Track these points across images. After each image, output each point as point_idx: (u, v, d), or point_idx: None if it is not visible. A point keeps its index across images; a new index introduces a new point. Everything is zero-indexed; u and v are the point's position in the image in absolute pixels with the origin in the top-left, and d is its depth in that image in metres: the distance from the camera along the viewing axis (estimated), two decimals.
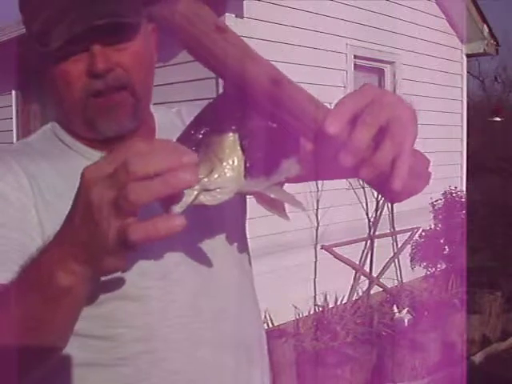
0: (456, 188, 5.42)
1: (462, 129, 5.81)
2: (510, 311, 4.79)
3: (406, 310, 4.22)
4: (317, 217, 4.09)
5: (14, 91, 5.67)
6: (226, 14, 3.51)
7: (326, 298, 4.20)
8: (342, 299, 4.34)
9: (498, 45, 5.86)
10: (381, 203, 4.39)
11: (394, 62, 4.92)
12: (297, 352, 3.67)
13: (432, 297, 4.65)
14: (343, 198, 4.20)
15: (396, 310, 4.27)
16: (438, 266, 5.26)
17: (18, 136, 5.64)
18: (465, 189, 5.69)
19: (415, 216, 4.81)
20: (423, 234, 5.20)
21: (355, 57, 4.55)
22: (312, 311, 4.15)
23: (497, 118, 12.41)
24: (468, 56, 5.88)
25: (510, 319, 4.71)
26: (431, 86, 5.22)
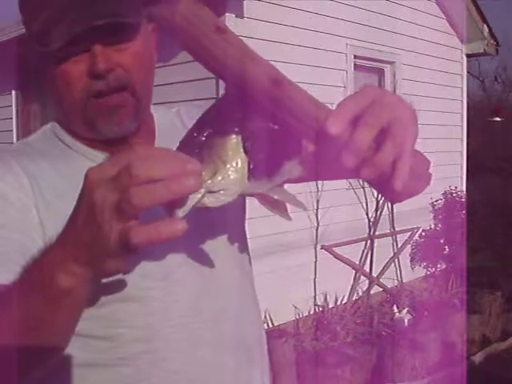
0: (456, 188, 5.42)
1: (461, 129, 5.81)
2: (510, 311, 4.79)
3: (405, 310, 4.22)
4: (317, 217, 4.09)
5: (13, 91, 5.67)
6: (226, 14, 3.51)
7: (326, 298, 4.20)
8: (342, 299, 4.34)
9: (497, 45, 5.86)
10: (381, 203, 4.39)
11: (394, 62, 4.92)
12: (297, 352, 3.67)
13: (432, 297, 4.65)
14: (343, 197, 4.20)
15: (396, 309, 4.27)
16: (438, 266, 5.26)
17: (17, 136, 5.64)
18: (465, 189, 5.69)
19: (415, 216, 4.81)
20: (423, 234, 5.20)
21: (355, 57, 4.55)
22: (312, 311, 4.15)
23: (497, 118, 12.41)
24: (468, 56, 5.88)
25: (510, 319, 4.71)
26: (431, 86, 5.22)
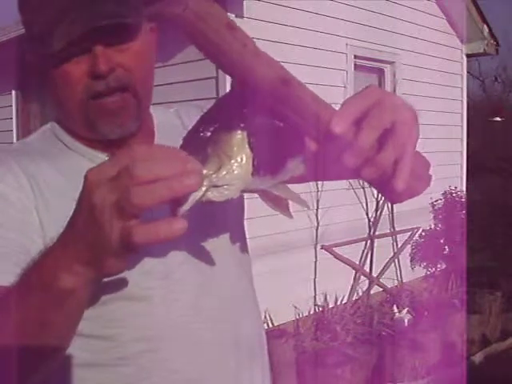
0: (456, 188, 5.41)
1: (462, 129, 5.81)
2: (510, 311, 4.79)
3: (405, 310, 4.21)
4: (317, 217, 4.09)
5: (13, 91, 5.66)
6: (226, 13, 3.51)
7: (326, 298, 4.20)
8: (342, 299, 4.34)
9: (498, 45, 5.86)
10: (381, 203, 4.39)
11: (393, 62, 4.92)
12: (297, 352, 3.67)
13: (432, 297, 4.65)
14: (343, 197, 4.20)
15: (396, 310, 4.26)
16: (438, 266, 5.26)
17: (17, 136, 5.64)
18: (465, 189, 5.69)
19: (415, 216, 4.81)
20: (423, 234, 5.19)
21: (355, 57, 4.55)
22: (312, 311, 4.15)
23: (497, 118, 12.42)
24: (468, 56, 5.88)
25: (510, 319, 4.71)
26: (431, 86, 5.22)
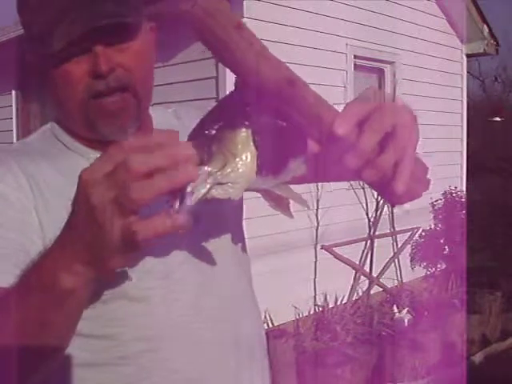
0: (456, 188, 5.41)
1: (462, 129, 5.81)
2: (510, 311, 4.79)
3: (406, 310, 4.21)
4: (317, 217, 4.09)
5: (13, 91, 5.67)
6: None
7: (326, 298, 4.20)
8: (342, 299, 4.34)
9: (498, 45, 5.86)
10: (381, 203, 4.39)
11: (393, 62, 4.92)
12: (297, 352, 3.66)
13: (432, 297, 4.64)
14: (343, 198, 4.20)
15: (396, 310, 4.26)
16: (438, 266, 5.26)
17: (17, 136, 5.64)
18: (465, 189, 5.69)
19: (415, 216, 4.80)
20: (423, 234, 5.19)
21: (355, 57, 4.54)
22: (312, 311, 4.15)
23: (497, 118, 12.42)
24: (468, 56, 5.88)
25: (510, 319, 4.71)
26: (431, 86, 5.22)
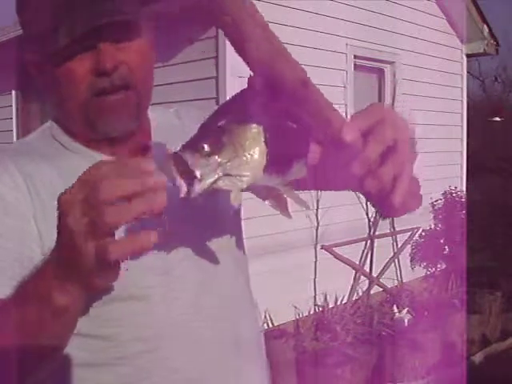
0: (456, 188, 5.41)
1: (462, 129, 5.80)
2: (510, 311, 4.79)
3: (406, 310, 4.21)
4: (317, 217, 4.09)
5: (13, 91, 5.66)
6: None
7: (326, 298, 4.20)
8: (342, 299, 4.34)
9: (498, 45, 5.86)
10: None
11: (393, 62, 4.92)
12: (297, 352, 3.66)
13: (432, 297, 4.64)
14: (343, 198, 4.17)
15: (396, 310, 4.26)
16: (438, 266, 5.26)
17: (17, 136, 5.64)
18: (465, 189, 5.68)
19: (415, 216, 4.80)
20: (423, 234, 5.19)
21: (355, 57, 4.54)
22: (312, 311, 4.14)
23: (497, 118, 12.42)
24: (468, 56, 5.88)
25: (510, 319, 4.71)
26: (431, 86, 5.21)
